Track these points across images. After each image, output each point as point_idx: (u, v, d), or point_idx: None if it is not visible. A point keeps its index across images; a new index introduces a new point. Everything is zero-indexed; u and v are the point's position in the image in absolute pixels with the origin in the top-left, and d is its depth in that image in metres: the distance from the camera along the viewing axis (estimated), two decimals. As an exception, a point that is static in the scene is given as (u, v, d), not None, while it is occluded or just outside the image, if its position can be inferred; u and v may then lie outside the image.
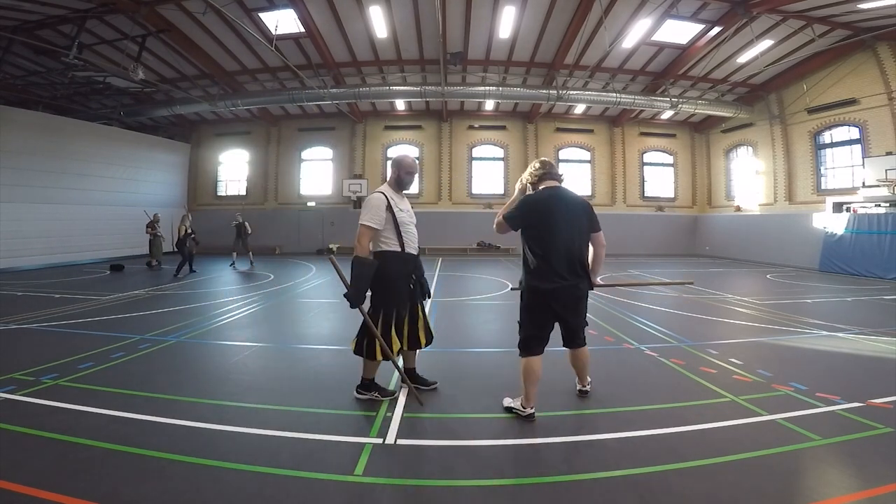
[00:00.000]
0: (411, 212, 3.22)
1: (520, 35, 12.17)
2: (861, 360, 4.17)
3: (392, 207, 2.99)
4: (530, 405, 2.84)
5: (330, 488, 2.11)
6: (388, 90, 13.91)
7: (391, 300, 3.01)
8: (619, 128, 18.02)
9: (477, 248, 17.64)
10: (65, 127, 13.06)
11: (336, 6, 10.73)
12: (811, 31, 10.83)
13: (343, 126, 17.91)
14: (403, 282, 3.06)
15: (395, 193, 3.12)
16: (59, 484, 2.06)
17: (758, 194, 15.62)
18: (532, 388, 2.83)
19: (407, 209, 3.16)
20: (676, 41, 12.19)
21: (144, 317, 5.93)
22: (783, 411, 2.96)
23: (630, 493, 2.09)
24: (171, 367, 3.88)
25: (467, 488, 2.13)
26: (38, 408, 2.92)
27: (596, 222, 2.94)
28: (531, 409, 2.84)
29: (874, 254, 10.75)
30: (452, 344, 4.82)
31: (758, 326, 5.61)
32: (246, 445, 2.52)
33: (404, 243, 3.04)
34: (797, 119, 13.93)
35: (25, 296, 7.44)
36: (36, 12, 9.65)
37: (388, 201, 2.99)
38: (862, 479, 2.17)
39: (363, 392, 3.17)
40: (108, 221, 13.90)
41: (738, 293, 8.29)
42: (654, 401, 3.18)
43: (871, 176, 11.18)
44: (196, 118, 17.62)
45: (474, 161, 18.26)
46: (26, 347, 4.39)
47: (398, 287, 3.02)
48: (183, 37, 11.50)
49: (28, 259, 11.53)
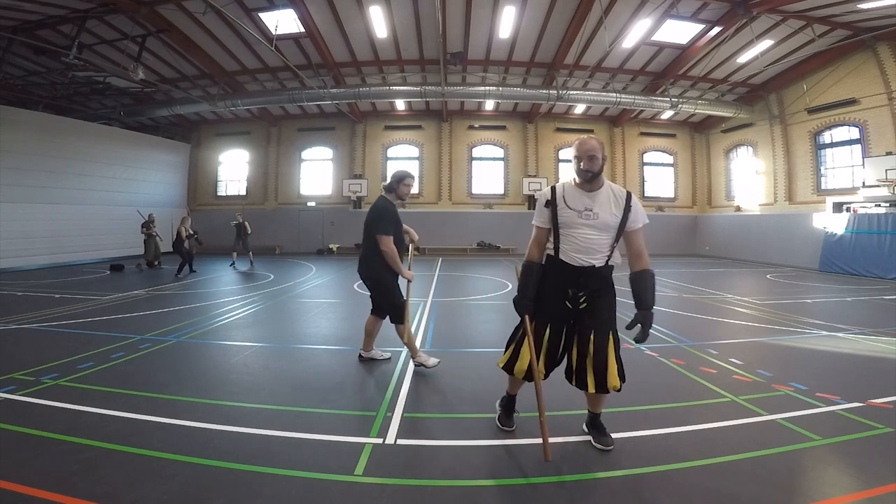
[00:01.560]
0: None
1: (520, 35, 12.17)
2: (861, 360, 4.17)
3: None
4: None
5: (330, 488, 2.11)
6: (388, 90, 13.90)
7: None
8: (619, 128, 18.02)
9: (477, 248, 17.64)
10: (65, 127, 13.05)
11: (336, 6, 10.73)
12: (811, 31, 10.83)
13: (343, 126, 17.91)
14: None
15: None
16: (59, 484, 2.06)
17: (758, 194, 15.62)
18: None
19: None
20: (676, 41, 12.18)
21: (144, 317, 5.93)
22: (783, 411, 2.97)
23: (630, 493, 2.10)
24: (171, 367, 3.88)
25: (467, 488, 2.13)
26: (38, 408, 2.92)
27: (375, 228, 3.59)
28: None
29: (874, 254, 10.76)
30: (452, 344, 4.82)
31: (758, 326, 5.61)
32: (246, 445, 2.52)
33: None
34: (797, 119, 13.93)
35: (25, 296, 7.44)
36: (36, 12, 9.65)
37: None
38: (862, 479, 2.17)
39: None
40: (108, 221, 13.90)
41: (738, 293, 8.29)
42: (653, 401, 3.18)
43: (871, 176, 11.18)
44: (196, 118, 17.62)
45: (474, 161, 18.26)
46: (26, 347, 4.38)
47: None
48: (183, 37, 11.50)
49: (28, 259, 11.52)
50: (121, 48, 10.97)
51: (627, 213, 2.29)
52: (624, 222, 2.30)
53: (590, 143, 2.29)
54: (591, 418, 2.59)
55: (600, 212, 2.28)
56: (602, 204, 2.29)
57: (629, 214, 2.30)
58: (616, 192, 2.33)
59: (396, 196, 3.78)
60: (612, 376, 2.34)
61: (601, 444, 2.47)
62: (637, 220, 2.31)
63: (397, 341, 4.02)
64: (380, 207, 3.68)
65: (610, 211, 2.29)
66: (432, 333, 5.21)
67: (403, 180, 3.74)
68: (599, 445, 2.47)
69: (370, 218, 3.68)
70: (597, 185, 2.32)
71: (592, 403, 2.56)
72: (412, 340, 3.82)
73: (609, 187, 2.35)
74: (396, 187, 3.75)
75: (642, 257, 2.34)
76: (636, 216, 2.31)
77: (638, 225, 2.33)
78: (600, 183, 2.32)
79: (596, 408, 2.56)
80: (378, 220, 3.62)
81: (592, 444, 2.51)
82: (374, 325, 3.99)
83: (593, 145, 2.28)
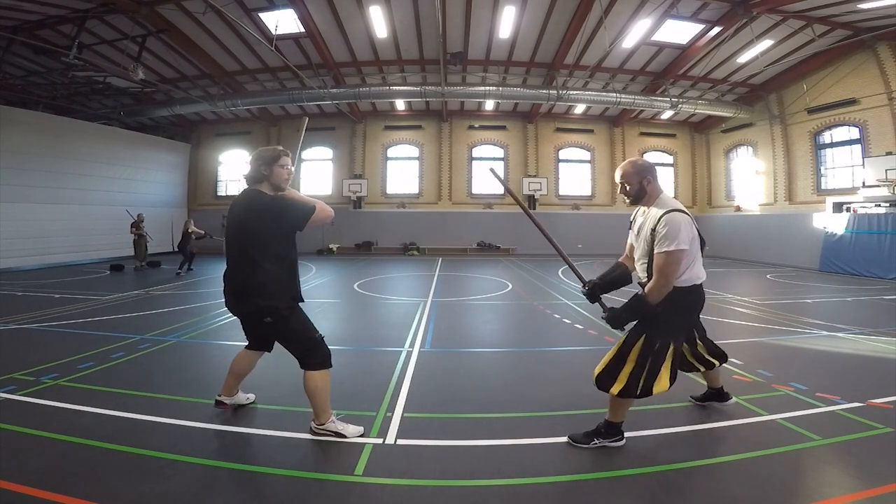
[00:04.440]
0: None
1: (520, 35, 12.17)
2: (861, 360, 4.17)
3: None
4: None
5: (330, 488, 2.11)
6: (388, 90, 13.90)
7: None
8: (619, 128, 18.02)
9: (477, 248, 17.64)
10: (65, 127, 13.05)
11: (336, 6, 10.73)
12: (811, 31, 10.82)
13: (343, 126, 17.91)
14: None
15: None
16: (59, 484, 2.06)
17: (758, 194, 15.62)
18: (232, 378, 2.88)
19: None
20: (676, 41, 12.18)
21: (144, 317, 5.93)
22: (783, 411, 2.97)
23: (631, 493, 2.10)
24: (171, 367, 3.88)
25: (467, 488, 2.13)
26: (38, 408, 2.92)
27: (281, 225, 2.49)
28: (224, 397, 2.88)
29: (874, 254, 10.75)
30: (452, 344, 4.82)
31: (758, 326, 5.60)
32: (246, 445, 2.52)
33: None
34: (797, 119, 13.92)
35: (25, 296, 7.44)
36: (36, 12, 9.65)
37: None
38: (862, 479, 2.17)
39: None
40: (108, 221, 13.88)
41: (738, 293, 8.29)
42: (653, 401, 3.16)
43: (871, 176, 11.17)
44: (196, 118, 17.61)
45: (474, 161, 18.25)
46: (26, 347, 4.38)
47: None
48: (183, 37, 11.50)
49: (28, 259, 11.52)
50: (121, 48, 10.97)
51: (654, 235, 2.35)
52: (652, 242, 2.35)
53: (619, 170, 2.51)
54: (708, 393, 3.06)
55: (640, 231, 2.46)
56: (641, 224, 2.48)
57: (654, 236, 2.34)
58: (653, 215, 2.40)
59: (270, 186, 2.56)
60: (600, 366, 2.49)
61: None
62: (660, 244, 2.28)
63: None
64: (266, 206, 2.47)
65: (645, 231, 2.42)
66: (432, 333, 5.21)
67: (278, 161, 2.54)
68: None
69: (257, 226, 2.45)
70: (644, 205, 2.49)
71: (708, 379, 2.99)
72: (328, 397, 2.61)
73: (654, 207, 2.42)
74: (268, 173, 2.54)
75: (653, 279, 2.33)
76: (658, 240, 2.30)
77: (658, 249, 2.30)
78: (648, 203, 2.46)
79: (714, 383, 2.99)
80: (288, 215, 2.48)
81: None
82: (250, 364, 2.89)
83: (620, 173, 2.50)
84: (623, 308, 2.38)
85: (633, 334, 2.41)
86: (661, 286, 2.28)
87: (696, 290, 2.45)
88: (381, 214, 17.89)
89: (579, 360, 4.27)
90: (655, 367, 2.36)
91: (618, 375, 2.39)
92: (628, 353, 2.39)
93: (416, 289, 8.96)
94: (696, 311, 2.55)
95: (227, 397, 2.91)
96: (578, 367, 4.08)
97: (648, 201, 2.45)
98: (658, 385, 2.37)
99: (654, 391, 2.38)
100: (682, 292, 2.37)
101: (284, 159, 2.58)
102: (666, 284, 2.28)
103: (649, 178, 2.44)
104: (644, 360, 2.35)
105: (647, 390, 2.36)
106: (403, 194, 18.12)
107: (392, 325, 5.69)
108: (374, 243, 17.71)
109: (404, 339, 4.93)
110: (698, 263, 2.42)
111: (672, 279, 2.29)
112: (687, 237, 2.27)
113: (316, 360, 2.55)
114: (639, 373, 2.35)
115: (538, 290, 8.69)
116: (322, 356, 2.58)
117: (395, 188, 18.20)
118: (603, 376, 2.44)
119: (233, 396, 2.94)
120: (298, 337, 2.57)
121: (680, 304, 2.38)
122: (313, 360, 2.55)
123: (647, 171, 2.45)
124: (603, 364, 2.47)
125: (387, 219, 17.84)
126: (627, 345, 2.40)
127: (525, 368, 4.01)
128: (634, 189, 2.44)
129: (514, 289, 8.81)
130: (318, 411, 2.59)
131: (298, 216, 2.49)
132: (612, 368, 2.42)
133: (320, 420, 2.60)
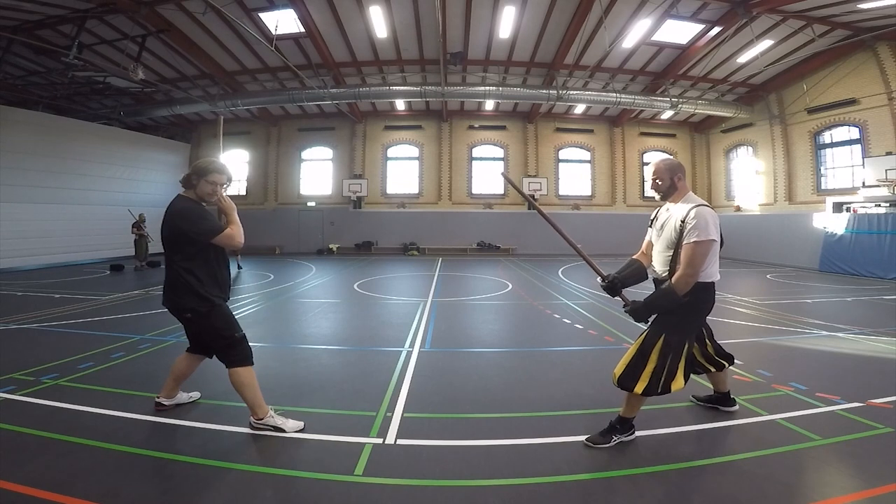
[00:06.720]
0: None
1: (520, 35, 12.17)
2: (861, 360, 4.17)
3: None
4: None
5: (330, 488, 2.11)
6: (388, 90, 13.91)
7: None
8: (619, 128, 18.03)
9: (477, 248, 17.65)
10: (65, 127, 13.05)
11: (336, 6, 10.73)
12: (811, 31, 10.83)
13: (343, 126, 17.91)
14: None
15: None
16: (59, 484, 2.06)
17: (758, 194, 15.63)
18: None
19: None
20: (676, 41, 12.18)
21: (144, 317, 5.93)
22: (783, 411, 2.97)
23: (631, 493, 2.10)
24: (170, 368, 3.87)
25: (467, 488, 2.13)
26: (38, 408, 2.92)
27: (195, 235, 2.58)
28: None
29: (874, 254, 10.75)
30: (452, 344, 4.82)
31: (758, 326, 5.60)
32: (245, 446, 2.52)
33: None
34: (797, 119, 13.93)
35: (25, 296, 7.44)
36: (36, 12, 9.65)
37: None
38: (862, 479, 2.17)
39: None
40: (108, 221, 13.88)
41: (738, 293, 8.29)
42: (653, 401, 3.16)
43: (871, 176, 11.18)
44: (196, 118, 17.61)
45: (474, 161, 18.26)
46: (26, 347, 4.38)
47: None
48: (183, 37, 11.50)
49: (28, 259, 11.52)
50: (121, 48, 10.98)
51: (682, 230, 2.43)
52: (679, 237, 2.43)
53: (651, 167, 2.69)
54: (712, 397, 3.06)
55: (664, 226, 2.57)
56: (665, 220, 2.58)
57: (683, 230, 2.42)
58: (681, 209, 2.49)
59: (196, 195, 2.71)
60: (620, 366, 2.51)
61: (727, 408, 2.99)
62: (689, 234, 2.36)
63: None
64: (180, 210, 2.62)
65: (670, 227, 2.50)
66: (432, 333, 5.21)
67: (207, 176, 2.66)
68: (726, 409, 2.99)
69: (174, 231, 2.60)
70: (672, 201, 2.59)
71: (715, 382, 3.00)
72: (258, 392, 2.67)
73: (681, 203, 2.52)
74: (196, 183, 2.68)
75: (679, 270, 2.40)
76: (688, 231, 2.38)
77: (688, 240, 2.37)
78: (676, 199, 2.57)
79: (720, 387, 3.00)
80: (192, 225, 2.57)
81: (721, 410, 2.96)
82: (189, 367, 2.95)
83: (653, 169, 2.65)
84: (648, 300, 2.45)
85: (653, 335, 2.46)
86: (688, 276, 2.34)
87: (711, 289, 2.53)
88: (381, 214, 17.90)
89: (579, 360, 4.28)
90: (674, 366, 2.45)
91: (640, 375, 2.44)
92: (650, 353, 2.44)
93: (416, 289, 8.95)
94: (707, 311, 2.61)
95: (167, 399, 2.96)
96: (578, 367, 4.09)
97: (677, 197, 2.58)
98: (675, 383, 2.47)
99: (672, 389, 2.46)
100: (700, 287, 2.43)
101: (215, 176, 2.68)
102: (693, 274, 2.34)
103: (680, 175, 2.59)
104: (664, 360, 2.43)
105: (667, 388, 2.45)
106: (403, 194, 18.12)
107: (392, 325, 5.69)
108: (375, 243, 17.71)
109: (404, 339, 4.93)
110: (716, 262, 2.49)
111: (699, 269, 2.36)
112: (715, 229, 2.37)
113: (236, 357, 2.66)
114: (660, 371, 2.42)
115: (538, 290, 8.69)
116: (242, 353, 2.69)
117: (395, 188, 18.21)
118: (625, 377, 2.48)
119: (172, 398, 2.99)
120: (218, 334, 2.67)
121: (695, 301, 2.45)
122: (233, 357, 2.66)
123: (678, 169, 2.60)
124: (623, 365, 2.50)
125: (387, 219, 17.84)
126: (648, 345, 2.46)
127: (525, 368, 4.01)
128: (666, 185, 2.59)
129: (514, 289, 8.81)
130: (253, 406, 2.67)
131: (204, 230, 2.60)
132: (633, 369, 2.46)
133: (257, 415, 2.67)
